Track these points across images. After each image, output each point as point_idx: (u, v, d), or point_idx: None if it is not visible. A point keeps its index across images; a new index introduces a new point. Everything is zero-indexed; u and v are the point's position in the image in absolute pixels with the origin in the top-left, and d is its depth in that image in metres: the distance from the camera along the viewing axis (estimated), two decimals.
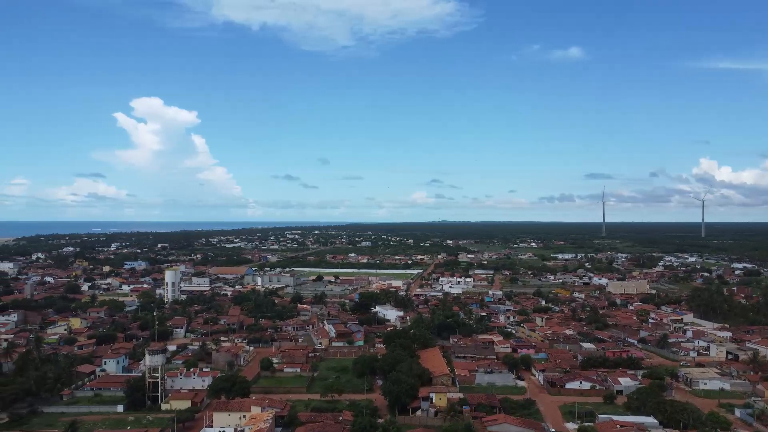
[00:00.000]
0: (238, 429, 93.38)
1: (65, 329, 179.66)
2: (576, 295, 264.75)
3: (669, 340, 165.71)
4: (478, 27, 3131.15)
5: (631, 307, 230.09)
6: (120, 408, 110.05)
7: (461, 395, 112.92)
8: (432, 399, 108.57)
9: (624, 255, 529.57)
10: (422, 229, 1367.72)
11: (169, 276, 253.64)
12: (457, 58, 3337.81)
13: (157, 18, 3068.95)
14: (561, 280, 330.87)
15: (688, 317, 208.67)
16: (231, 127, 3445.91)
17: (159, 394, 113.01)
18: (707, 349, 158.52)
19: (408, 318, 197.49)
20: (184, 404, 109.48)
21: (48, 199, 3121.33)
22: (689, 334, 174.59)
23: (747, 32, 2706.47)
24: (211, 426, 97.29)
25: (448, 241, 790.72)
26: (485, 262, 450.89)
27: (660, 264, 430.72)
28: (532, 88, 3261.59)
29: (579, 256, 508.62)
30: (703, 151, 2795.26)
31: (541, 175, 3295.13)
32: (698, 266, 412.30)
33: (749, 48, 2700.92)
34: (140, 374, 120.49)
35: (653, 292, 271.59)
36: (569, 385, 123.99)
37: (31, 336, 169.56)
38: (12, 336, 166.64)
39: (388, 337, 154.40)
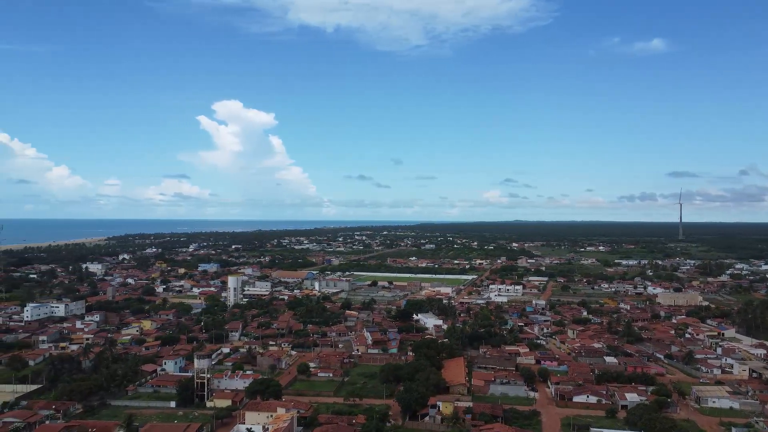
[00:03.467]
0: (265, 427, 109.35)
1: (137, 330, 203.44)
2: (622, 305, 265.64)
3: (696, 356, 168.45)
4: (554, 21, 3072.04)
5: (674, 320, 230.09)
6: (173, 404, 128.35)
7: (469, 404, 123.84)
8: (439, 407, 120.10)
9: (693, 261, 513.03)
10: (493, 230, 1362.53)
11: (231, 281, 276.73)
12: (531, 54, 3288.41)
13: (236, 24, 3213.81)
14: (614, 289, 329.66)
15: (730, 332, 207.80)
16: (307, 128, 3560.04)
17: (205, 393, 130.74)
18: (732, 366, 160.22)
19: (444, 327, 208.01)
20: (225, 403, 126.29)
21: (138, 198, 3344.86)
22: (719, 350, 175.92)
23: None
24: (244, 423, 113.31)
25: (513, 244, 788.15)
26: (543, 268, 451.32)
27: (727, 272, 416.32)
28: (611, 83, 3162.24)
29: (643, 262, 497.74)
30: None
31: (621, 174, 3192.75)
32: None
33: None
34: (191, 375, 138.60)
35: (704, 304, 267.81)
36: (576, 398, 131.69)
37: (109, 336, 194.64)
38: (92, 336, 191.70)
39: (417, 346, 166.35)
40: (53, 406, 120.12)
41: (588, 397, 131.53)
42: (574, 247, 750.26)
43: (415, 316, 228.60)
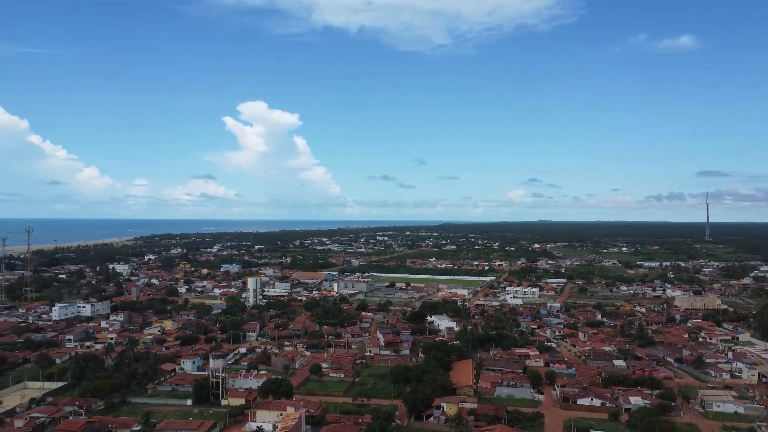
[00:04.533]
0: (275, 425, 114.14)
1: (159, 330, 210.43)
2: (638, 308, 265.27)
3: (707, 361, 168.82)
4: (579, 19, 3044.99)
5: (689, 324, 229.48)
6: (189, 402, 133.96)
7: (473, 406, 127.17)
8: (443, 408, 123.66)
9: (717, 263, 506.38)
10: (516, 230, 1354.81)
11: (251, 283, 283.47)
12: (556, 52, 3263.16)
13: (261, 26, 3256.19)
14: (632, 292, 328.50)
15: (745, 336, 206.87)
16: (330, 129, 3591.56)
17: (220, 392, 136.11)
18: (741, 371, 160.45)
19: (457, 329, 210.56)
20: (239, 401, 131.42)
21: (165, 198, 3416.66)
22: (730, 354, 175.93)
23: None
24: (255, 421, 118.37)
25: (535, 245, 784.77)
26: (563, 270, 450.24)
27: (751, 274, 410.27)
28: (637, 80, 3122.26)
29: (665, 264, 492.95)
30: None
31: (648, 173, 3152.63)
32: None
33: None
34: (207, 374, 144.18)
35: (722, 307, 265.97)
36: (581, 401, 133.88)
37: (132, 335, 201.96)
38: (116, 335, 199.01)
39: (427, 348, 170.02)
40: (77, 403, 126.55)
41: (592, 399, 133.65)
42: (596, 248, 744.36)
43: (429, 318, 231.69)
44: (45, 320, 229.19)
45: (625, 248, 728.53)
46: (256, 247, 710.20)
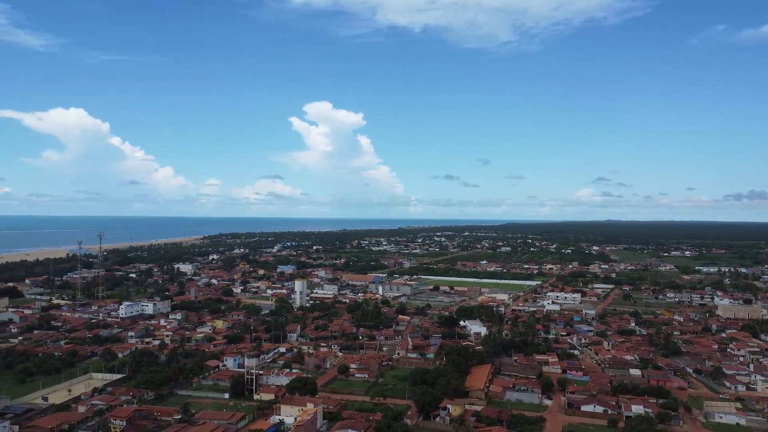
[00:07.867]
0: (296, 418, 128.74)
1: (210, 329, 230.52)
2: (676, 317, 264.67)
3: (726, 372, 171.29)
4: (653, 11, 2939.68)
5: (724, 334, 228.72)
6: (227, 396, 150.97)
7: (479, 408, 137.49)
8: (449, 409, 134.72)
9: None
10: (580, 230, 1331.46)
11: (297, 285, 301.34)
12: (627, 46, 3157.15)
13: (326, 28, 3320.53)
14: (677, 299, 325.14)
15: None
16: (394, 128, 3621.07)
17: (254, 388, 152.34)
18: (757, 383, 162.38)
19: (485, 334, 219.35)
20: (269, 397, 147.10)
21: (236, 197, 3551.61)
22: (751, 367, 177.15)
23: None
24: (279, 415, 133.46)
25: (594, 248, 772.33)
26: (614, 275, 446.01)
27: None
28: (715, 73, 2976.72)
29: (723, 270, 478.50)
30: None
31: (726, 171, 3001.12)
32: None
33: None
34: (243, 371, 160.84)
35: (767, 317, 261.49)
36: (584, 408, 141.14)
37: (186, 333, 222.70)
38: (171, 333, 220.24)
39: (448, 352, 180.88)
40: (131, 393, 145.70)
41: (595, 406, 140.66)
42: (657, 251, 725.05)
43: (462, 322, 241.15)
44: (113, 317, 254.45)
45: (688, 252, 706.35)
46: (315, 247, 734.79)
